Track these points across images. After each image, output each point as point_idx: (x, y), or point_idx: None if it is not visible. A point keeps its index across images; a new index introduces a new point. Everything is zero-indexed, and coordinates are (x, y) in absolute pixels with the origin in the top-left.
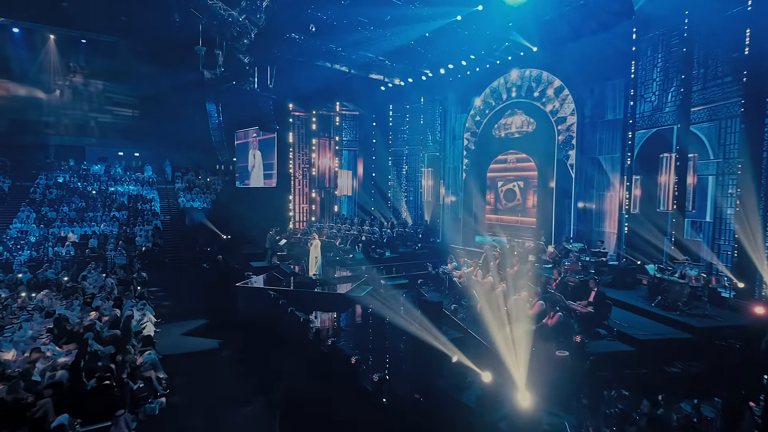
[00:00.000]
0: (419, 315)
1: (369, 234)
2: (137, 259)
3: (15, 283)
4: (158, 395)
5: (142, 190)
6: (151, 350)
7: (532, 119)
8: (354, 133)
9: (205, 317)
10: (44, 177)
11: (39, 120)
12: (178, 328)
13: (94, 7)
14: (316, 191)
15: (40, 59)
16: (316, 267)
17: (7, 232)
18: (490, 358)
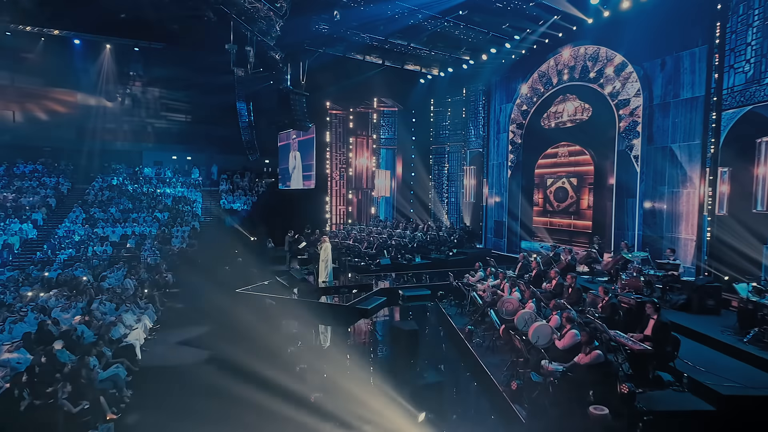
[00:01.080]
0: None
1: (399, 238)
2: (163, 261)
3: (38, 281)
4: (107, 419)
5: (187, 192)
6: (119, 364)
7: (588, 105)
8: (392, 131)
9: (209, 324)
10: (100, 180)
11: (102, 127)
12: (177, 335)
13: (144, 16)
14: (353, 192)
15: (103, 69)
16: (326, 273)
17: (56, 231)
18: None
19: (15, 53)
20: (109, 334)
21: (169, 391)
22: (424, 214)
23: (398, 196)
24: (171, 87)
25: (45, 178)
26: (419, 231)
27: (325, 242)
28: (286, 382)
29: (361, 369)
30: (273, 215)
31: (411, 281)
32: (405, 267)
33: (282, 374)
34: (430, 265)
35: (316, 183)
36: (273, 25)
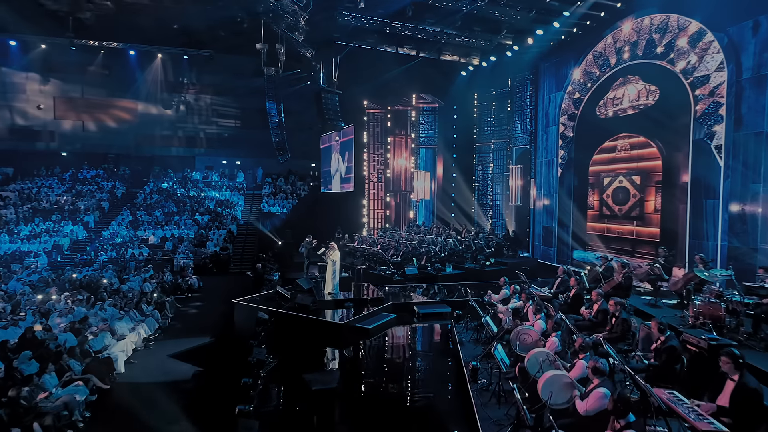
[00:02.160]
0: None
1: (430, 245)
2: (188, 264)
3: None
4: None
5: (230, 196)
6: (80, 382)
7: (654, 86)
8: (432, 129)
9: (212, 334)
10: (152, 184)
11: (159, 134)
12: (175, 346)
13: (192, 25)
14: (391, 195)
15: (157, 78)
16: (332, 284)
17: (102, 233)
18: None
19: (82, 67)
20: (85, 345)
21: (134, 416)
22: (466, 219)
23: (438, 198)
24: (221, 93)
25: (103, 182)
26: (452, 237)
27: (332, 249)
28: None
29: None
30: (311, 219)
31: (439, 294)
32: (433, 278)
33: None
34: (462, 276)
35: (355, 186)
36: (298, 20)
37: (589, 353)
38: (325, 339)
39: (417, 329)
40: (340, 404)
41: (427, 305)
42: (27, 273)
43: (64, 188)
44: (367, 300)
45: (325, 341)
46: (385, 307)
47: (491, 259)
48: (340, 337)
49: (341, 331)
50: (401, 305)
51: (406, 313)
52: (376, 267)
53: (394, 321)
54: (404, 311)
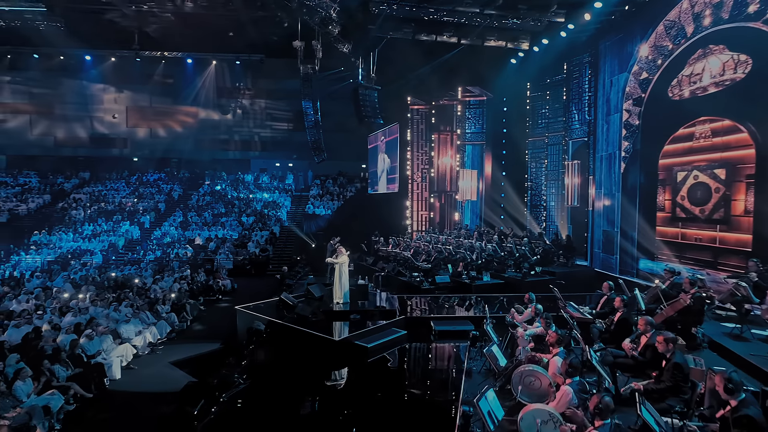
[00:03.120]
0: None
1: (466, 250)
2: (222, 266)
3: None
4: None
5: (277, 197)
6: (56, 391)
7: (744, 56)
8: (480, 123)
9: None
10: (206, 186)
11: (216, 138)
12: (181, 352)
13: (246, 30)
14: (435, 196)
15: (212, 85)
16: (342, 292)
17: (153, 233)
18: None
19: (148, 77)
20: (77, 349)
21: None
22: (514, 222)
23: (486, 199)
24: (274, 97)
25: (164, 185)
26: (493, 242)
27: (341, 253)
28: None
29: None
30: (354, 221)
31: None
32: (466, 287)
33: None
34: (500, 286)
35: (399, 186)
36: (329, 12)
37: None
38: (317, 357)
39: (429, 350)
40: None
41: (447, 321)
42: (75, 270)
43: (129, 191)
44: (376, 312)
45: (317, 360)
46: (396, 321)
47: (537, 268)
48: (334, 355)
49: (335, 349)
50: (417, 320)
51: (424, 330)
52: (407, 273)
53: (404, 338)
54: (421, 327)
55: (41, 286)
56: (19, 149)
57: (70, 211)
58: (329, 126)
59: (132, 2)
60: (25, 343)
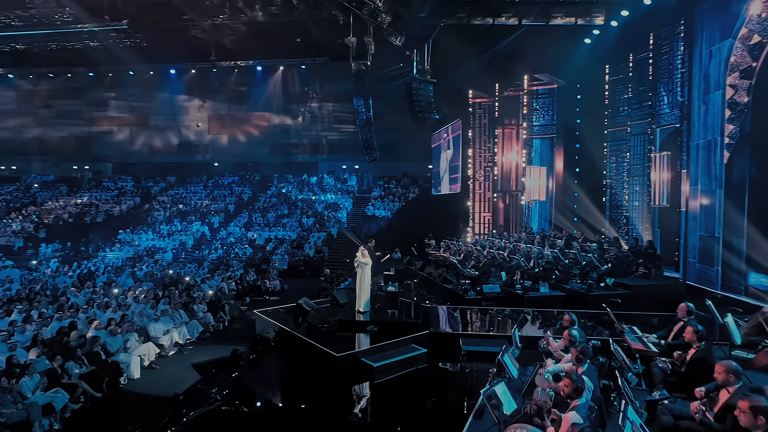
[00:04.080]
0: None
1: (522, 256)
2: (272, 267)
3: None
4: None
5: (339, 199)
6: (59, 390)
7: None
8: (550, 115)
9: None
10: (274, 188)
11: (287, 142)
12: (207, 353)
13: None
14: (499, 196)
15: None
16: (364, 299)
17: (219, 233)
18: None
19: (225, 86)
20: (96, 347)
21: None
22: (592, 226)
23: (556, 199)
24: (340, 99)
25: (236, 187)
26: (556, 247)
27: (362, 255)
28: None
29: None
30: (413, 223)
31: (529, 322)
32: (518, 299)
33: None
34: (560, 300)
35: (461, 186)
36: (376, 1)
37: None
38: (317, 373)
39: (448, 375)
40: None
41: (480, 340)
42: (141, 266)
43: (205, 193)
44: (397, 324)
45: (317, 376)
46: (419, 336)
47: (608, 279)
48: (333, 373)
49: (335, 366)
50: (444, 336)
51: (451, 348)
52: (453, 281)
53: (422, 358)
54: (448, 344)
55: (108, 281)
56: (121, 157)
57: (152, 212)
58: (394, 126)
59: (208, 17)
60: (56, 337)
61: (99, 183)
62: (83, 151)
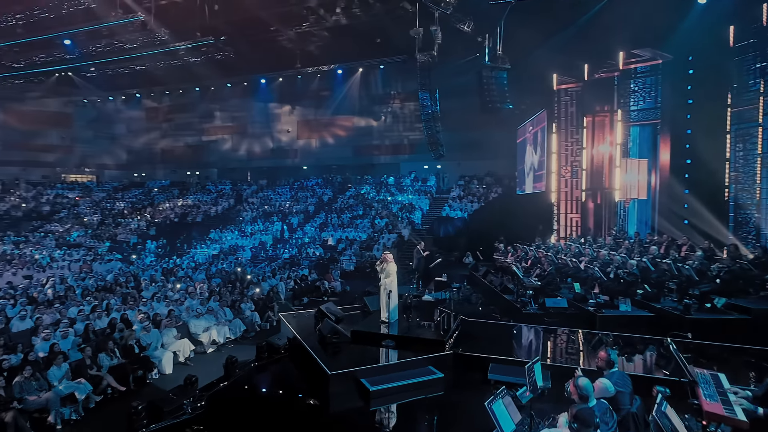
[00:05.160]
0: None
1: (600, 264)
2: (335, 267)
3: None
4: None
5: (415, 200)
6: (82, 380)
7: None
8: (653, 97)
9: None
10: (353, 189)
11: (370, 144)
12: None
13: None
14: (589, 194)
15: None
16: (388, 309)
17: (296, 233)
18: None
19: (311, 92)
20: (131, 340)
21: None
22: (706, 233)
23: (661, 198)
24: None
25: (318, 189)
26: (647, 255)
27: (388, 261)
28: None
29: None
30: (491, 225)
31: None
32: (589, 318)
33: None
34: (645, 322)
35: (546, 184)
36: None
37: None
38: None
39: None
40: None
41: (510, 367)
42: (216, 264)
43: (290, 195)
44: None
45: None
46: (439, 357)
47: (717, 300)
48: (325, 393)
49: (327, 385)
50: (471, 359)
51: (479, 374)
52: (515, 291)
53: (438, 383)
54: (476, 369)
55: (185, 276)
56: (224, 163)
57: (241, 213)
58: (478, 122)
59: (292, 26)
60: (110, 327)
61: (203, 186)
62: (194, 158)
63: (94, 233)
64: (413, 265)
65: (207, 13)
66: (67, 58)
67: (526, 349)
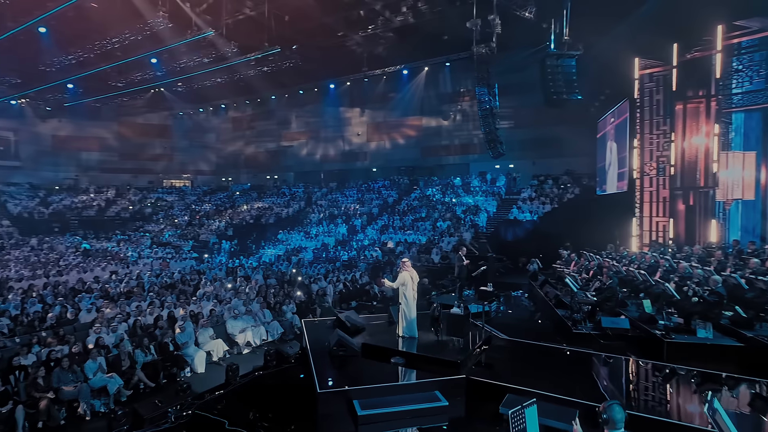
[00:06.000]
0: None
1: (676, 278)
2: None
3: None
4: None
5: (482, 201)
6: (113, 375)
7: None
8: (762, 76)
9: None
10: (418, 191)
11: (439, 144)
12: None
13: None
14: (678, 194)
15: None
16: (404, 322)
17: (357, 236)
18: None
19: (377, 95)
20: (166, 338)
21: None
22: None
23: None
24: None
25: (385, 191)
26: (742, 270)
27: (406, 269)
28: None
29: None
30: (563, 228)
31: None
32: (656, 345)
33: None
34: (729, 352)
35: (627, 183)
36: None
37: None
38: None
39: None
40: None
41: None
42: (276, 264)
43: (357, 197)
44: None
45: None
46: (448, 381)
47: None
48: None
49: (314, 404)
50: (486, 387)
51: (493, 405)
52: (571, 306)
53: (441, 412)
54: (490, 398)
55: (245, 276)
56: (300, 167)
57: (309, 215)
58: (554, 118)
59: (358, 30)
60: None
61: (278, 189)
62: (273, 162)
63: (182, 233)
64: (455, 273)
65: (273, 24)
66: (158, 75)
67: (553, 378)
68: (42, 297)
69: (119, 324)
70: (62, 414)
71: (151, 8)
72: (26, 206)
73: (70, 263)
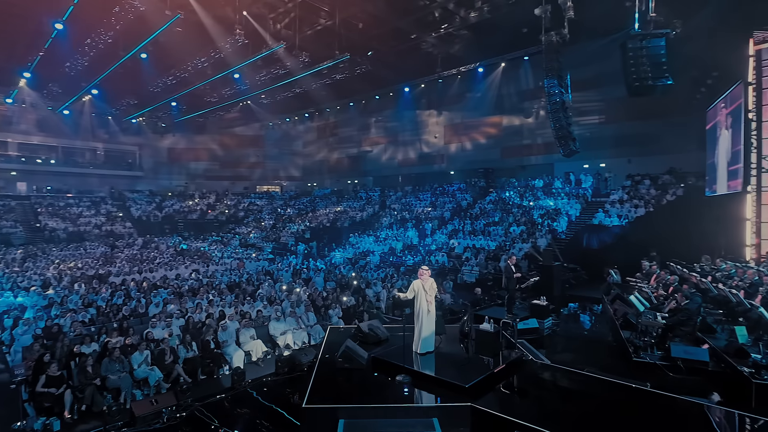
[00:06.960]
0: None
1: None
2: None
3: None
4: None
5: (566, 205)
6: (154, 368)
7: None
8: None
9: None
10: (494, 194)
11: (520, 144)
12: None
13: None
14: None
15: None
16: (420, 336)
17: (426, 240)
18: None
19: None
20: (208, 336)
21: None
22: None
23: None
24: (581, 88)
25: (459, 194)
26: None
27: (422, 279)
28: None
29: None
30: (653, 236)
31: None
32: (741, 385)
33: None
34: None
35: (744, 182)
36: None
37: None
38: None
39: None
40: None
41: None
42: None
43: (430, 200)
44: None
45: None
46: (451, 408)
47: None
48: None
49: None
50: (494, 420)
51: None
52: (638, 326)
53: None
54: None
55: (306, 278)
56: (378, 171)
57: (381, 218)
58: (653, 111)
59: (431, 30)
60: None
61: (356, 193)
62: (355, 167)
63: (266, 235)
64: (503, 284)
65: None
66: (242, 89)
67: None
68: (128, 291)
69: (176, 319)
70: (108, 401)
71: (226, 28)
72: (145, 210)
73: (163, 261)
